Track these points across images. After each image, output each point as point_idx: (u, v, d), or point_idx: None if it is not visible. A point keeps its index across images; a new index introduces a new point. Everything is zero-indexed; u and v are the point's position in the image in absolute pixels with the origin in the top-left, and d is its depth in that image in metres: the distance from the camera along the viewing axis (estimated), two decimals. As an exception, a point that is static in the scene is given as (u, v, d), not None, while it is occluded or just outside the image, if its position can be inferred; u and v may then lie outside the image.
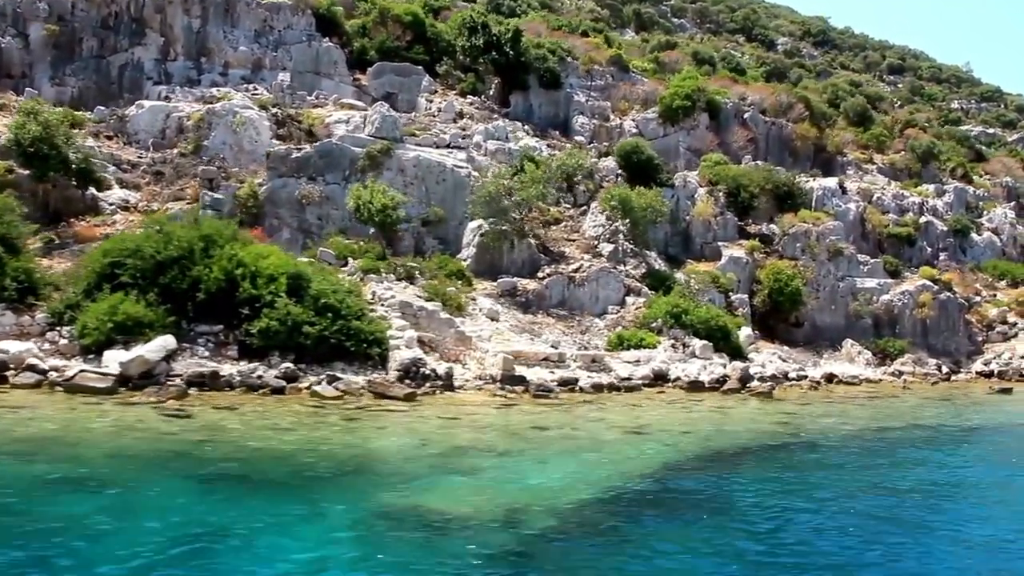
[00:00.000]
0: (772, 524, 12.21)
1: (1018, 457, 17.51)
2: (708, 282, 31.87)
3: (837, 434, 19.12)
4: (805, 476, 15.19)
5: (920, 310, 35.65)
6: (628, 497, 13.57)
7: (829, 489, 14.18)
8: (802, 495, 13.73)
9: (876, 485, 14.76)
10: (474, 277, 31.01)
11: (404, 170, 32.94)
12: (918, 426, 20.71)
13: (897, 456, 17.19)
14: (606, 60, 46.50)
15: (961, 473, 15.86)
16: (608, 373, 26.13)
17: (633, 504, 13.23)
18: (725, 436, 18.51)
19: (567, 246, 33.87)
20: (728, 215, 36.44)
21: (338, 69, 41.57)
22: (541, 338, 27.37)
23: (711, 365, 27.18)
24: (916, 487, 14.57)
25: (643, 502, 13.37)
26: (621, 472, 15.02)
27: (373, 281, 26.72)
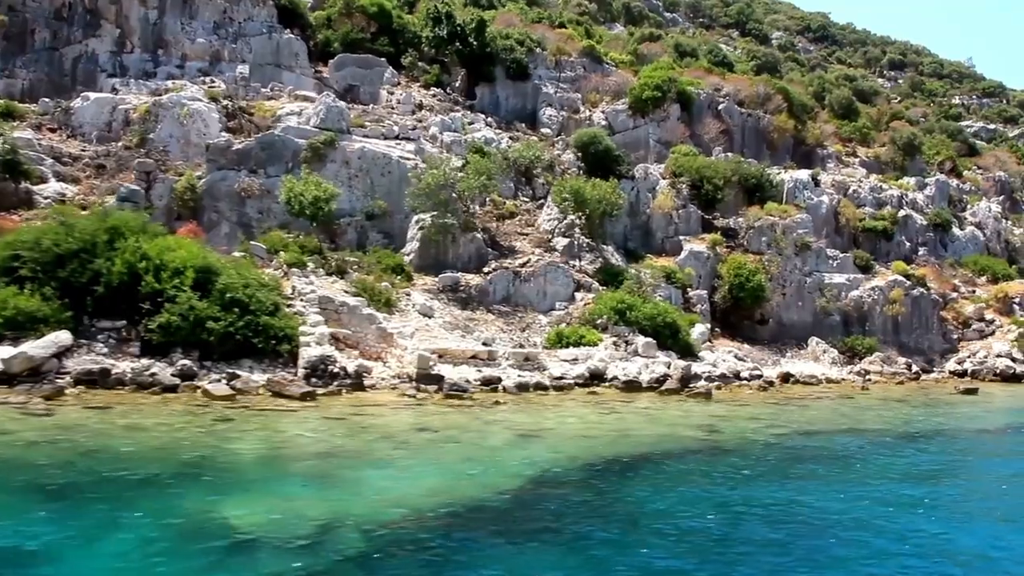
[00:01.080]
0: (616, 551, 10.43)
1: (938, 483, 14.79)
2: (660, 277, 29.98)
3: (757, 441, 17.24)
4: (691, 491, 13.36)
5: (891, 307, 33.55)
6: (475, 511, 11.87)
7: (703, 508, 12.34)
8: (673, 516, 11.91)
9: (746, 504, 12.91)
10: (416, 272, 29.39)
11: (348, 162, 31.38)
12: (853, 432, 18.77)
13: (802, 468, 15.18)
14: (578, 51, 44.65)
15: (850, 497, 13.17)
16: (541, 372, 24.40)
17: (475, 520, 11.53)
18: (629, 442, 16.70)
19: (519, 240, 32.14)
20: (691, 208, 34.52)
21: (299, 61, 40.05)
22: (473, 335, 25.65)
23: (654, 364, 25.33)
24: (787, 512, 12.53)
25: (488, 518, 11.65)
26: (485, 483, 13.30)
27: (296, 275, 25.10)
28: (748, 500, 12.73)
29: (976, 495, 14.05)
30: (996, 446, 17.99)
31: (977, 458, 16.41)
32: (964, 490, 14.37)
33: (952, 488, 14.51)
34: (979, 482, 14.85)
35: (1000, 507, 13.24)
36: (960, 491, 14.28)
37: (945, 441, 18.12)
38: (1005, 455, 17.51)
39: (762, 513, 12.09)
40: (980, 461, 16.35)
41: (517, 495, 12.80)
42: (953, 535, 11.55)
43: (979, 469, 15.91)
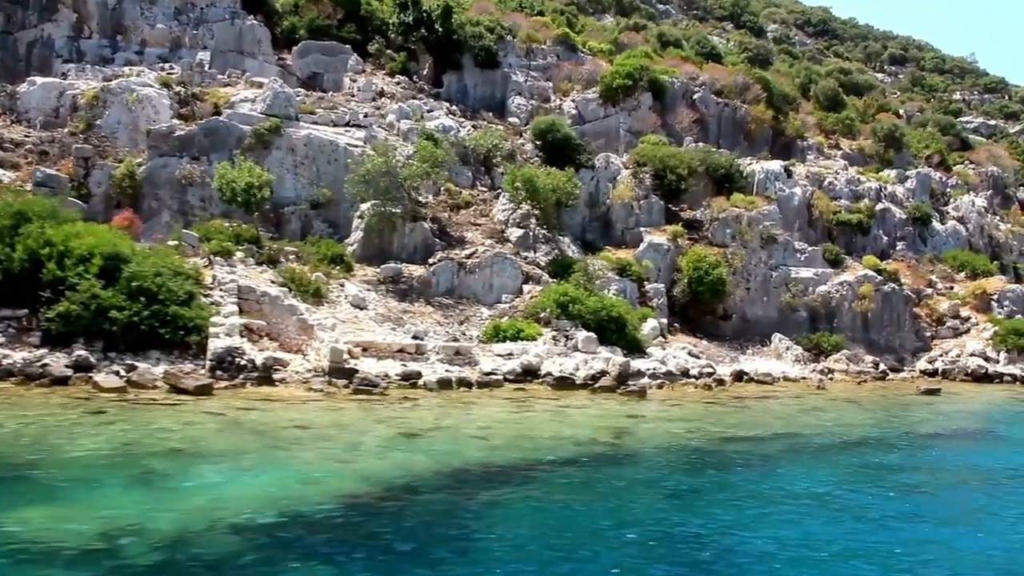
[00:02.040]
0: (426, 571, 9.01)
1: (815, 512, 12.08)
2: (611, 269, 28.44)
3: (664, 447, 15.72)
4: (553, 507, 11.88)
5: (860, 303, 31.78)
6: (298, 521, 10.52)
7: (548, 528, 10.84)
8: (509, 537, 10.46)
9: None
10: (360, 263, 28.02)
11: (294, 149, 30.02)
12: (778, 437, 17.16)
13: (691, 481, 13.50)
14: (553, 39, 43.03)
15: (706, 525, 11.17)
16: (472, 367, 22.97)
17: (289, 531, 10.18)
18: (523, 445, 15.26)
19: (471, 231, 30.66)
20: (653, 199, 32.90)
21: (262, 48, 38.69)
22: (404, 328, 24.24)
23: (593, 360, 23.81)
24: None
25: (306, 530, 10.28)
26: (329, 488, 11.94)
27: (219, 265, 23.78)
28: (598, 520, 11.23)
29: (856, 535, 11.06)
30: (926, 460, 16.00)
31: (893, 477, 14.35)
32: (842, 528, 11.31)
33: (826, 522, 11.56)
34: (869, 515, 11.96)
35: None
36: (837, 529, 11.27)
37: (871, 450, 16.44)
38: (929, 475, 14.90)
39: (600, 537, 10.56)
40: (895, 482, 14.05)
41: (357, 503, 11.42)
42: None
43: (885, 495, 13.17)
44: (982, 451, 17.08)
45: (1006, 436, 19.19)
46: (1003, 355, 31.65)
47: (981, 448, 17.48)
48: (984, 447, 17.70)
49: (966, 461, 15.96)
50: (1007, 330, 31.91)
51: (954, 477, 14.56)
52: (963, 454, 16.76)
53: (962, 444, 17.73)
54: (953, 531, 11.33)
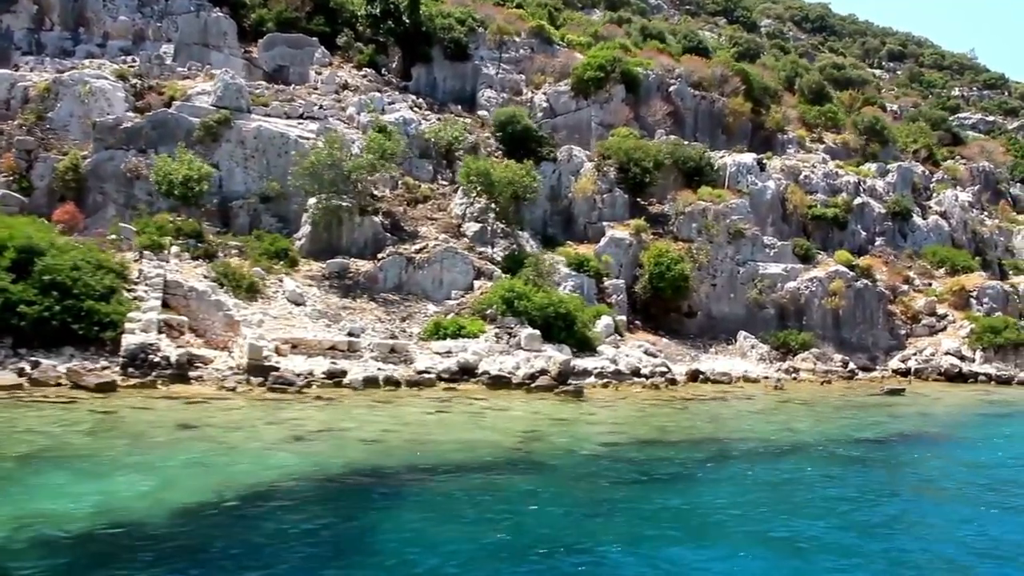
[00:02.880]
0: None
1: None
2: (564, 264, 27.21)
3: (579, 453, 14.50)
4: (418, 521, 10.68)
5: (831, 299, 30.35)
6: (119, 534, 9.40)
7: (394, 547, 9.63)
8: (363, 555, 9.30)
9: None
10: (307, 257, 26.91)
11: (244, 142, 28.97)
12: (701, 444, 15.78)
13: (575, 495, 12.16)
14: (528, 31, 41.73)
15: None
16: (407, 365, 21.82)
17: (101, 547, 9.01)
18: (416, 450, 14.07)
19: (427, 225, 29.49)
20: (617, 192, 31.59)
21: (228, 41, 37.53)
22: (339, 325, 23.08)
23: (536, 358, 22.57)
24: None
25: (124, 544, 9.13)
26: (171, 498, 10.79)
27: (148, 259, 22.71)
28: (467, 537, 10.02)
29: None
30: (857, 470, 14.37)
31: (807, 493, 12.65)
32: (718, 554, 9.79)
33: (708, 547, 9.96)
34: (764, 541, 10.23)
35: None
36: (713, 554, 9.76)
37: (799, 458, 15.04)
38: (853, 489, 13.09)
39: (458, 556, 9.34)
40: (806, 499, 12.31)
41: (200, 513, 10.30)
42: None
43: (791, 514, 11.47)
44: (925, 458, 15.68)
45: (959, 441, 17.75)
46: (979, 354, 30.16)
47: (925, 455, 16.07)
48: (930, 454, 16.29)
49: (902, 470, 14.58)
50: (984, 328, 30.40)
51: (880, 489, 13.19)
52: (902, 462, 15.36)
53: (906, 450, 16.34)
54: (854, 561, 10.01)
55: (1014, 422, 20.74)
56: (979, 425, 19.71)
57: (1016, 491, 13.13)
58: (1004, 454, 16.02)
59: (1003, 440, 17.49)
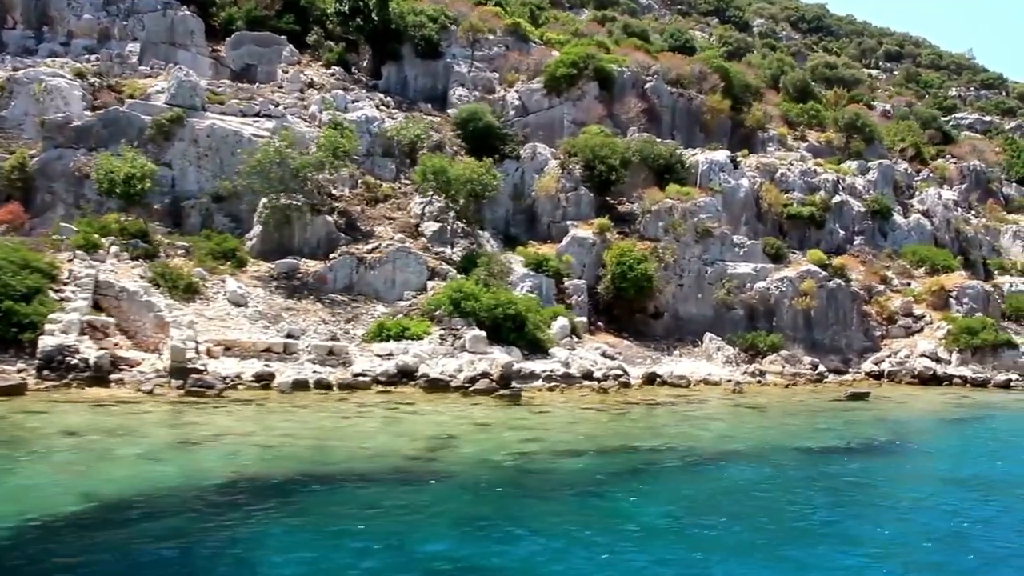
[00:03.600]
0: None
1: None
2: (526, 265, 26.23)
3: (488, 462, 13.52)
4: (293, 535, 9.75)
5: (801, 300, 29.22)
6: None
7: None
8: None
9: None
10: (258, 258, 26.07)
11: (197, 140, 28.15)
12: (633, 452, 14.74)
13: (493, 507, 11.22)
14: (503, 29, 40.81)
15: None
16: (345, 368, 20.91)
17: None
18: (314, 457, 13.18)
19: (384, 225, 28.59)
20: (583, 190, 30.58)
21: (195, 40, 36.79)
22: (277, 327, 22.18)
23: (480, 360, 21.60)
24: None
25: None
26: (19, 510, 9.84)
27: (80, 259, 21.88)
28: (345, 553, 9.08)
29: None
30: (770, 492, 12.59)
31: (716, 511, 11.34)
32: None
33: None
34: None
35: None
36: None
37: (724, 470, 13.93)
38: (764, 509, 11.71)
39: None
40: (712, 522, 10.87)
41: (38, 531, 9.40)
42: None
43: (694, 541, 10.19)
44: (860, 471, 14.46)
45: (907, 451, 16.54)
46: (955, 355, 28.95)
47: (863, 466, 14.87)
48: (870, 465, 15.07)
49: (827, 485, 13.37)
50: (960, 329, 29.20)
51: (790, 511, 12.06)
52: (830, 475, 14.14)
53: (842, 462, 15.10)
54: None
55: (973, 429, 19.56)
56: (935, 432, 18.53)
57: (946, 508, 12.03)
58: (951, 465, 14.90)
59: (955, 450, 16.33)
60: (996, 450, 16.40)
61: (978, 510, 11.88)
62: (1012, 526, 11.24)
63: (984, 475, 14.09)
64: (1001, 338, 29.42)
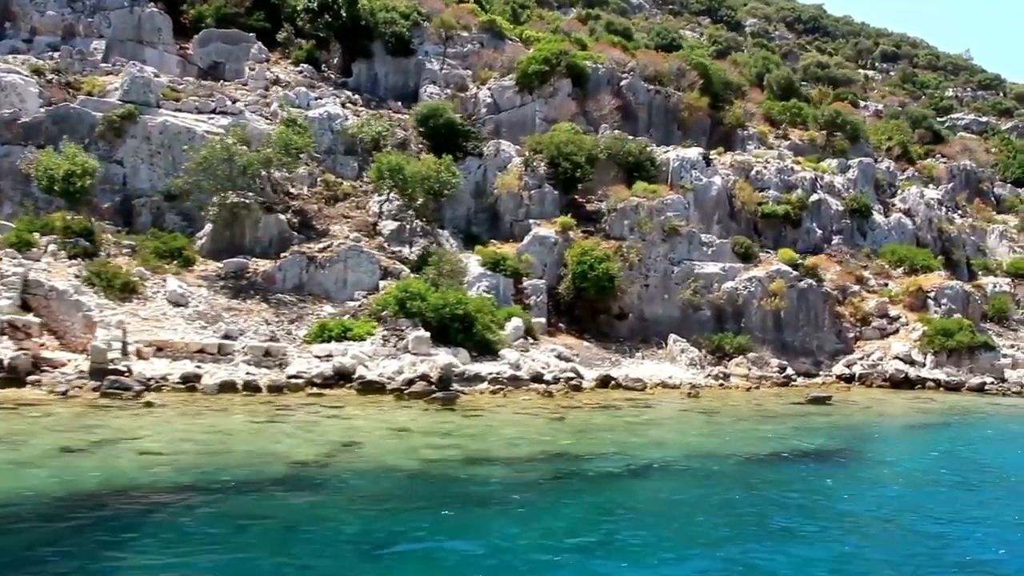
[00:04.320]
0: None
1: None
2: (483, 264, 25.36)
3: (386, 471, 12.65)
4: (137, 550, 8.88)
5: (770, 300, 28.23)
6: None
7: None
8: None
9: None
10: (208, 257, 25.30)
11: (150, 137, 27.42)
12: (546, 461, 13.80)
13: (373, 523, 10.27)
14: (478, 26, 40.01)
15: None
16: (281, 369, 20.08)
17: None
18: (201, 463, 12.32)
19: (341, 223, 27.79)
20: (547, 188, 29.69)
21: (162, 37, 36.08)
22: (214, 327, 21.37)
23: (422, 362, 20.73)
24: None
25: None
26: None
27: (8, 258, 21.12)
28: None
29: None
30: (685, 507, 11.61)
31: (608, 533, 10.21)
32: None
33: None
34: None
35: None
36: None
37: (640, 484, 12.91)
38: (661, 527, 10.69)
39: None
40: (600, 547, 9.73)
41: None
42: None
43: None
44: (795, 482, 13.41)
45: (853, 461, 15.32)
46: (930, 358, 27.90)
47: (799, 478, 13.80)
48: (807, 476, 14.00)
49: (756, 497, 12.40)
50: (936, 330, 28.14)
51: (706, 518, 11.14)
52: (762, 484, 13.22)
53: (779, 472, 14.04)
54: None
55: (930, 438, 18.47)
56: (888, 441, 17.45)
57: (874, 533, 11.02)
58: (889, 478, 13.83)
59: (902, 461, 15.26)
60: (944, 464, 15.26)
61: (896, 542, 10.79)
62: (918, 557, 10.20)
63: (918, 498, 12.74)
64: (978, 340, 28.35)
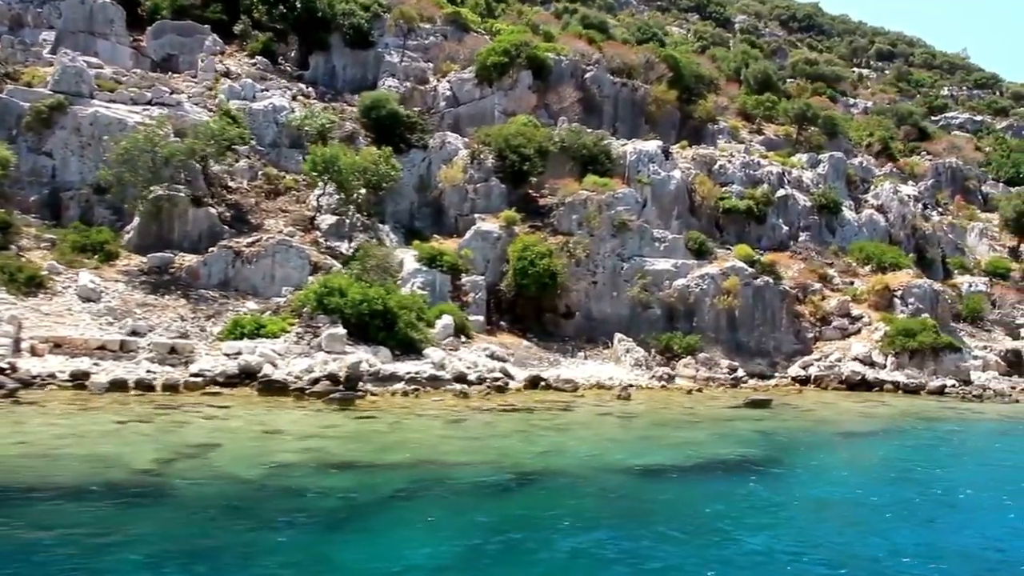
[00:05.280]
0: None
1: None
2: (419, 259, 24.26)
3: (232, 477, 11.56)
4: None
5: (723, 298, 26.96)
6: None
7: None
8: None
9: None
10: (136, 252, 24.27)
11: (80, 129, 26.43)
12: (414, 469, 12.60)
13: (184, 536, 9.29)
14: (443, 18, 38.97)
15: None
16: (186, 367, 19.05)
17: None
18: (19, 466, 11.18)
19: (278, 217, 26.74)
20: (493, 182, 28.54)
21: (115, 29, 35.10)
22: (121, 323, 20.35)
23: (335, 361, 19.63)
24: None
25: None
26: None
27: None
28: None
29: None
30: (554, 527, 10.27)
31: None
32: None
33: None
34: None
35: None
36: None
37: (518, 499, 11.67)
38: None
39: None
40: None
41: None
42: None
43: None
44: (697, 498, 12.20)
45: (760, 475, 13.73)
46: (891, 359, 26.56)
47: (705, 492, 12.57)
48: (697, 492, 12.66)
49: (633, 514, 11.23)
50: (897, 330, 26.80)
51: (566, 541, 9.94)
52: (650, 499, 12.02)
53: (668, 486, 12.77)
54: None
55: (860, 450, 16.98)
56: (815, 452, 15.90)
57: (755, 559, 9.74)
58: (797, 499, 12.47)
59: (818, 479, 13.80)
60: (862, 484, 13.76)
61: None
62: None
63: (815, 531, 10.85)
64: (942, 341, 26.98)
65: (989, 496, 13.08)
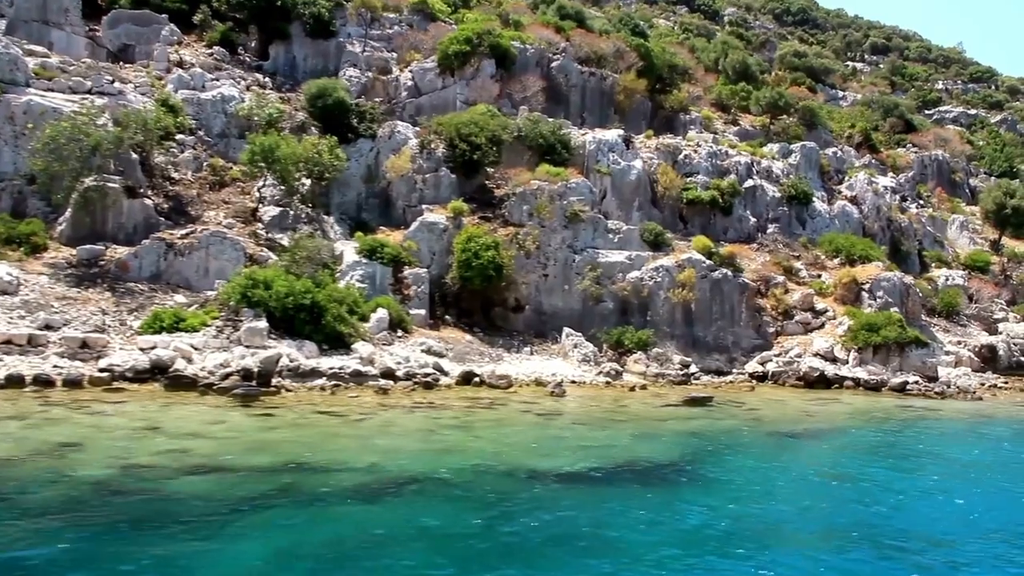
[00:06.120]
0: None
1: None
2: (359, 251, 23.39)
3: (79, 479, 10.71)
4: None
5: (678, 292, 25.97)
6: None
7: None
8: None
9: None
10: (68, 244, 23.48)
11: (14, 117, 25.60)
12: (283, 473, 11.68)
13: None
14: (409, 7, 38.07)
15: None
16: (95, 362, 18.24)
17: None
18: None
19: (219, 209, 25.92)
20: (443, 172, 27.63)
21: (69, 18, 34.29)
22: (32, 316, 19.54)
23: (254, 355, 18.78)
24: None
25: None
26: None
27: None
28: None
29: None
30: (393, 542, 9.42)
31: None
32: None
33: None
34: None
35: None
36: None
37: (385, 505, 10.70)
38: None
39: None
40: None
41: None
42: None
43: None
44: (574, 509, 11.11)
45: (671, 484, 12.61)
46: (853, 355, 25.53)
47: (578, 504, 11.51)
48: (589, 503, 11.60)
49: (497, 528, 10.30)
50: (861, 325, 25.77)
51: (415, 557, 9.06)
52: (531, 511, 11.06)
53: (560, 497, 11.57)
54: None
55: (790, 455, 15.86)
56: (740, 456, 14.78)
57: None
58: (703, 511, 11.42)
59: (731, 488, 12.64)
60: (780, 493, 12.58)
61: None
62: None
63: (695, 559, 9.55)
64: (908, 335, 25.94)
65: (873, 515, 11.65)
